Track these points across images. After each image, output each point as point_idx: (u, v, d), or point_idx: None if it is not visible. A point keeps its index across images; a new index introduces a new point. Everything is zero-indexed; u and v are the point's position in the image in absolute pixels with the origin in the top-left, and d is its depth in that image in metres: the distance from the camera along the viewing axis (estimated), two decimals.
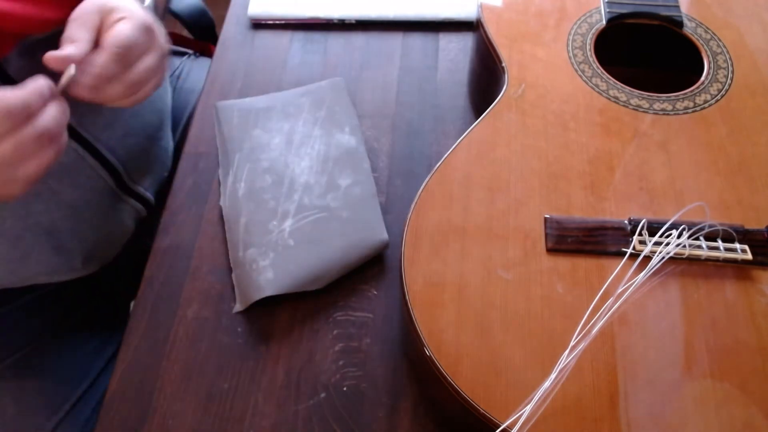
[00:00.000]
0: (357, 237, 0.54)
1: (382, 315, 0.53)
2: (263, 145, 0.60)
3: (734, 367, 0.40)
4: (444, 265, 0.44)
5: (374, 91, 0.68)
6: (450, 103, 0.66)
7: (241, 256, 0.53)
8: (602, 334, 0.41)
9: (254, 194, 0.56)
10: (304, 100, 0.63)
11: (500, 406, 0.38)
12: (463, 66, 0.69)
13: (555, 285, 0.43)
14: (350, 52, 0.71)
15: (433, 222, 0.46)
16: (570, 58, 0.57)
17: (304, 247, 0.53)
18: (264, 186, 0.57)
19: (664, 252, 0.44)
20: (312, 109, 0.62)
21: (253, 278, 0.52)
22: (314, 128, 0.61)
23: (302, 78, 0.69)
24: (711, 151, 0.50)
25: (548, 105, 0.53)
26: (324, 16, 0.73)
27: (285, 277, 0.51)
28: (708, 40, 0.58)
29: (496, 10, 0.61)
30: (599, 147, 0.51)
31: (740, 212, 0.47)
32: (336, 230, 0.54)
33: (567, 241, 0.45)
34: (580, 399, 0.39)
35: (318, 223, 0.54)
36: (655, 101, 0.54)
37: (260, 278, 0.51)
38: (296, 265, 0.52)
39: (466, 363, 0.40)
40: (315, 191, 0.56)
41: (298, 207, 0.55)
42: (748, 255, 0.44)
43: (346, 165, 0.58)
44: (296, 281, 0.52)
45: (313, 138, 0.60)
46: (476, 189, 0.48)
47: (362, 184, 0.57)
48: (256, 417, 0.48)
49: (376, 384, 0.49)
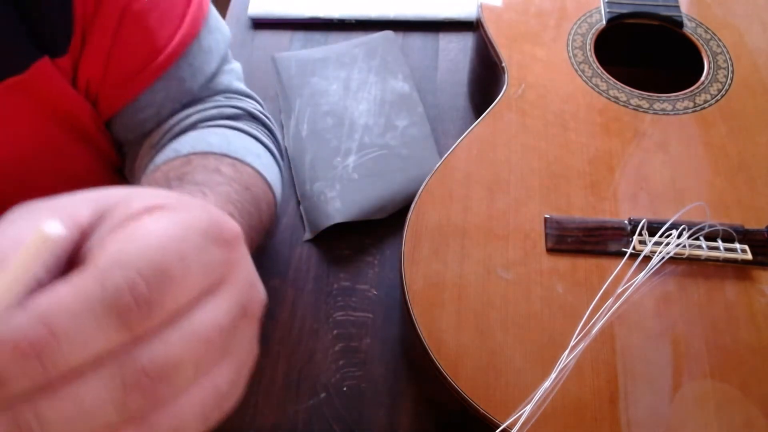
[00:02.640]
0: (416, 172, 0.57)
1: (382, 315, 0.53)
2: (322, 91, 0.64)
3: (734, 367, 0.40)
4: (444, 265, 0.44)
5: None
6: (450, 103, 0.66)
7: (308, 190, 0.57)
8: (602, 334, 0.41)
9: (317, 134, 0.60)
10: (357, 51, 0.67)
11: (500, 406, 0.38)
12: (463, 66, 0.69)
13: (555, 285, 0.43)
14: None
15: (433, 222, 0.46)
16: (570, 58, 0.57)
17: (367, 180, 0.57)
18: (326, 127, 0.61)
19: (664, 252, 0.44)
20: (366, 59, 0.66)
21: (321, 208, 0.55)
22: (369, 75, 0.65)
23: None
24: (711, 151, 0.50)
25: (548, 105, 0.53)
26: (324, 16, 0.73)
27: (352, 206, 0.55)
28: (708, 40, 0.58)
29: (496, 10, 0.61)
30: (599, 147, 0.51)
31: (740, 212, 0.47)
32: (396, 166, 0.58)
33: (567, 241, 0.45)
34: (580, 399, 0.39)
35: (379, 159, 0.58)
36: (655, 101, 0.54)
37: (329, 207, 0.55)
38: (362, 196, 0.56)
39: (466, 363, 0.40)
40: (374, 131, 0.60)
41: (359, 145, 0.59)
42: (748, 255, 0.44)
43: (401, 108, 0.62)
44: (362, 210, 0.55)
45: (369, 84, 0.64)
46: (476, 189, 0.48)
47: (418, 125, 0.61)
48: (257, 417, 0.48)
49: (376, 384, 0.49)
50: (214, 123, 0.46)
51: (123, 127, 0.47)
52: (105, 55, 0.42)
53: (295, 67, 0.66)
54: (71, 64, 0.41)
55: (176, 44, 0.44)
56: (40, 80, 0.40)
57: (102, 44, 0.41)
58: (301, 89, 0.64)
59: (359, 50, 0.67)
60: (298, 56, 0.67)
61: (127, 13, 0.41)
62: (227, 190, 0.39)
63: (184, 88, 0.46)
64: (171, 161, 0.42)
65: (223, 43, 0.49)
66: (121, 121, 0.46)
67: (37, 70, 0.39)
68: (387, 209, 0.56)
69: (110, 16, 0.41)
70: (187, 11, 0.45)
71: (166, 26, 0.44)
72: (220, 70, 0.49)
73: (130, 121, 0.46)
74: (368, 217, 0.55)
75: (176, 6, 0.44)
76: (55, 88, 0.41)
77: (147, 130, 0.47)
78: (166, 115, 0.46)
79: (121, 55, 0.43)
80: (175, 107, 0.46)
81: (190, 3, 0.45)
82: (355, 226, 0.56)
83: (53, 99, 0.42)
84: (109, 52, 0.42)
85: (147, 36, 0.43)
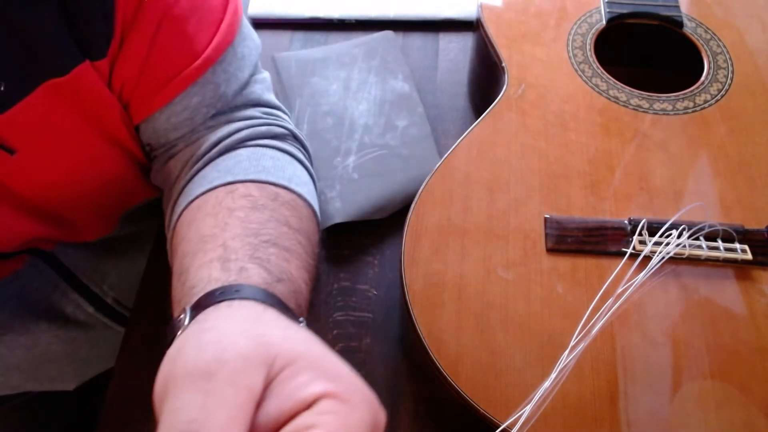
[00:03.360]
0: (416, 172, 0.57)
1: (382, 315, 0.53)
2: (322, 91, 0.64)
3: (734, 367, 0.40)
4: (444, 265, 0.44)
5: None
6: (450, 103, 0.66)
7: None
8: (602, 334, 0.41)
9: (317, 134, 0.60)
10: (357, 51, 0.67)
11: (500, 406, 0.38)
12: (463, 66, 0.69)
13: (555, 285, 0.43)
14: None
15: (434, 222, 0.46)
16: (570, 58, 0.57)
17: (367, 180, 0.57)
18: (326, 127, 0.61)
19: (664, 252, 0.44)
20: (366, 59, 0.66)
21: (321, 208, 0.54)
22: (369, 75, 0.65)
23: None
24: (711, 151, 0.50)
25: (548, 105, 0.53)
26: (324, 16, 0.73)
27: (352, 206, 0.55)
28: (708, 40, 0.58)
29: (496, 10, 0.61)
30: (599, 147, 0.51)
31: (740, 212, 0.47)
32: (396, 166, 0.58)
33: (567, 241, 0.45)
34: (580, 399, 0.39)
35: (379, 159, 0.58)
36: (655, 101, 0.54)
37: (329, 207, 0.55)
38: (362, 196, 0.56)
39: (466, 363, 0.40)
40: (374, 131, 0.60)
41: (359, 145, 0.59)
42: (748, 255, 0.44)
43: (401, 108, 0.62)
44: (362, 210, 0.55)
45: (369, 84, 0.64)
46: (476, 189, 0.48)
47: (418, 125, 0.61)
48: None
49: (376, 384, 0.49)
50: (263, 143, 0.47)
51: (153, 132, 0.47)
52: (142, 59, 0.42)
53: (295, 67, 0.66)
54: (108, 67, 0.42)
55: (212, 50, 0.44)
56: (80, 83, 0.40)
57: (140, 48, 0.42)
58: (301, 89, 0.64)
59: (359, 50, 0.67)
60: (298, 56, 0.67)
61: (166, 18, 0.42)
62: (299, 251, 0.40)
63: (218, 94, 0.46)
64: (230, 184, 0.42)
65: (255, 52, 0.49)
66: (153, 125, 0.46)
67: (79, 73, 0.40)
68: (387, 209, 0.56)
69: (150, 21, 0.41)
70: (223, 17, 0.45)
71: (204, 32, 0.44)
72: (252, 78, 0.49)
73: (162, 126, 0.46)
74: (368, 217, 0.55)
75: (213, 12, 0.44)
76: (93, 91, 0.41)
77: (179, 135, 0.47)
78: (199, 121, 0.46)
79: (157, 59, 0.43)
80: (209, 113, 0.46)
81: (226, 9, 0.45)
82: (355, 226, 0.56)
83: (90, 101, 0.42)
84: (146, 56, 0.42)
85: (185, 41, 0.43)
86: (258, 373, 0.23)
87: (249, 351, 0.24)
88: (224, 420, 0.21)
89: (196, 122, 0.46)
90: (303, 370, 0.24)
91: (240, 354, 0.23)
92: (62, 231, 0.50)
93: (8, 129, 0.39)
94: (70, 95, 0.41)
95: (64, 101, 0.41)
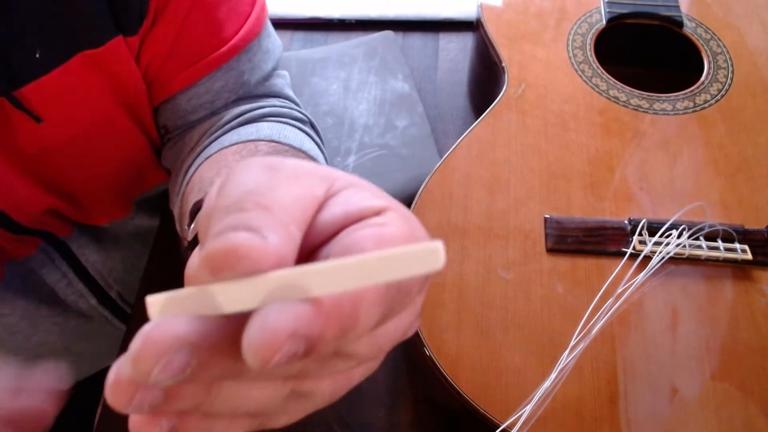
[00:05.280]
0: (416, 172, 0.57)
1: None
2: (322, 91, 0.64)
3: (734, 367, 0.40)
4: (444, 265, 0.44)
5: None
6: (450, 103, 0.66)
7: None
8: (602, 334, 0.41)
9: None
10: (357, 51, 0.67)
11: (500, 406, 0.38)
12: (463, 66, 0.69)
13: (555, 285, 0.43)
14: None
15: (433, 222, 0.46)
16: (570, 58, 0.57)
17: (367, 180, 0.56)
18: (326, 127, 0.61)
19: (664, 252, 0.44)
20: (366, 59, 0.66)
21: None
22: (369, 75, 0.65)
23: None
24: (711, 151, 0.50)
25: (548, 105, 0.53)
26: (324, 16, 0.73)
27: None
28: (708, 40, 0.58)
29: (496, 10, 0.61)
30: (599, 147, 0.51)
31: (740, 212, 0.47)
32: (396, 166, 0.58)
33: (567, 241, 0.45)
34: (580, 399, 0.39)
35: (379, 159, 0.58)
36: (655, 101, 0.54)
37: None
38: None
39: (466, 363, 0.40)
40: (374, 131, 0.60)
41: (359, 145, 0.59)
42: (748, 255, 0.44)
43: (401, 108, 0.62)
44: None
45: (369, 84, 0.64)
46: (476, 189, 0.48)
47: (418, 126, 0.61)
48: None
49: (376, 384, 0.49)
50: (285, 120, 0.48)
51: (173, 112, 0.48)
52: (171, 40, 0.44)
53: (295, 67, 0.66)
54: (138, 45, 0.43)
55: (240, 38, 0.46)
56: (112, 56, 0.42)
57: (170, 29, 0.43)
58: (301, 89, 0.64)
59: (359, 50, 0.67)
60: (298, 56, 0.67)
61: (197, 3, 0.44)
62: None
63: (241, 81, 0.48)
64: (253, 141, 0.43)
65: (278, 49, 0.51)
66: (173, 106, 0.48)
67: (112, 46, 0.41)
68: None
69: (182, 5, 0.43)
70: (251, 11, 0.47)
71: (233, 20, 0.46)
72: (275, 72, 0.51)
73: (183, 106, 0.47)
74: None
75: (243, 5, 0.47)
76: (124, 66, 0.43)
77: (197, 118, 0.48)
78: (220, 105, 0.48)
79: (186, 41, 0.45)
80: (230, 98, 0.48)
81: (255, 4, 0.47)
82: None
83: (119, 76, 0.44)
84: (175, 38, 0.44)
85: (213, 27, 0.45)
86: (320, 184, 0.22)
87: (309, 166, 0.22)
88: (292, 197, 0.20)
89: (216, 106, 0.48)
90: (365, 190, 0.23)
91: (300, 164, 0.22)
92: (76, 210, 0.51)
93: (39, 96, 0.40)
94: (102, 67, 0.42)
95: (96, 73, 0.42)
